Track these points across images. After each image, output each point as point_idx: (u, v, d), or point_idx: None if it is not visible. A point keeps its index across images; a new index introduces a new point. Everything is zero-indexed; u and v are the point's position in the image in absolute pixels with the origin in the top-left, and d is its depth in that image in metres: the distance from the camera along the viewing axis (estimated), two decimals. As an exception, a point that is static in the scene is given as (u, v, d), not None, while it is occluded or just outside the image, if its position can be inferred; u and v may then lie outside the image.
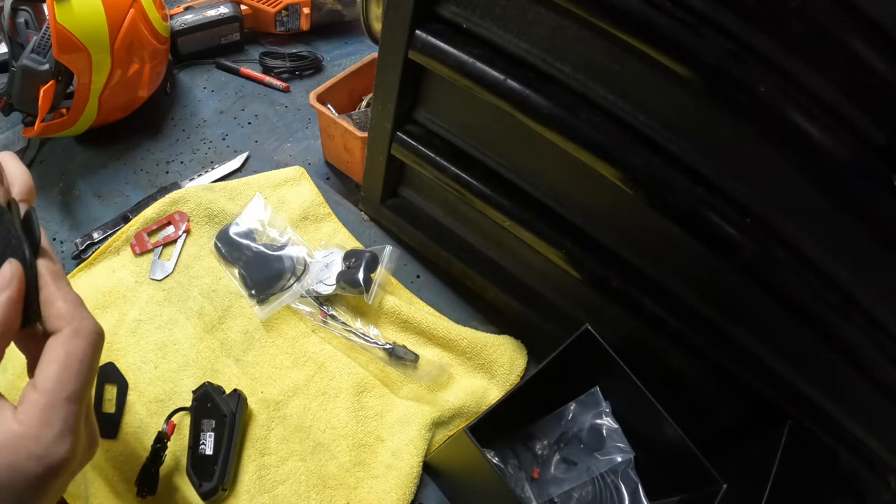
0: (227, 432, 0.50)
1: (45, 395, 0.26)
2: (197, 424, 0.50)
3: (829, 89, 0.33)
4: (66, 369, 0.27)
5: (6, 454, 0.25)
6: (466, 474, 0.51)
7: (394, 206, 0.68)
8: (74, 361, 0.27)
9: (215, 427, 0.50)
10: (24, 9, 0.68)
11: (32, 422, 0.26)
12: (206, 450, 0.49)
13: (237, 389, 0.53)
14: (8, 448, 0.25)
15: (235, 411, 0.51)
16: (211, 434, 0.49)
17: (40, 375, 0.27)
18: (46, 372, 0.27)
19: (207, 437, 0.49)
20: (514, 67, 0.44)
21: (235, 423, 0.50)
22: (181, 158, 0.75)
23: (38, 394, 0.26)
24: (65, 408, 0.27)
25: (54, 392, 0.26)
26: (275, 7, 0.89)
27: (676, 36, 0.34)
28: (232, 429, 0.50)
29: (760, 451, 0.47)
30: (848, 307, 0.40)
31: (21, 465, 0.25)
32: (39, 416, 0.26)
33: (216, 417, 0.50)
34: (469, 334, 0.61)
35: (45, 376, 0.27)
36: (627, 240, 0.48)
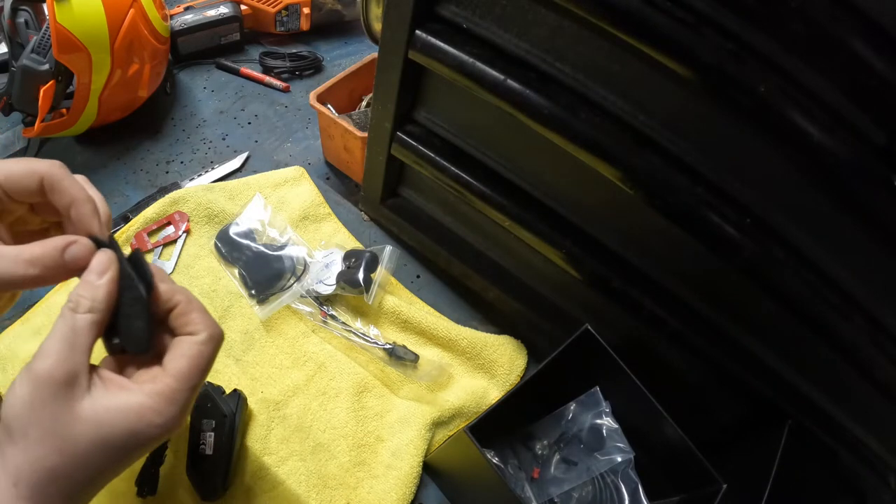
0: (227, 432, 0.49)
1: (176, 381, 0.31)
2: (197, 424, 0.50)
3: (829, 89, 0.33)
4: (196, 366, 0.31)
5: (128, 417, 0.29)
6: (466, 474, 0.51)
7: (394, 206, 0.68)
8: (204, 360, 0.32)
9: (215, 427, 0.49)
10: (24, 9, 0.68)
11: (160, 398, 0.30)
12: (206, 450, 0.49)
13: (237, 389, 0.52)
14: (132, 413, 0.29)
15: (235, 411, 0.51)
16: (211, 434, 0.49)
17: (174, 365, 0.31)
18: (180, 364, 0.31)
19: (207, 437, 0.49)
20: (514, 67, 0.44)
21: (235, 424, 0.50)
22: (181, 158, 0.75)
23: (170, 378, 0.31)
24: (187, 394, 0.31)
25: (184, 380, 0.31)
26: (275, 7, 0.89)
27: (676, 36, 0.34)
28: (232, 429, 0.50)
29: (760, 451, 0.47)
30: (848, 307, 0.40)
31: (141, 430, 0.29)
32: (168, 395, 0.30)
33: (216, 417, 0.50)
34: (469, 334, 0.61)
35: (178, 367, 0.31)
36: (627, 240, 0.48)
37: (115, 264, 0.32)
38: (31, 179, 0.32)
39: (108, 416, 0.29)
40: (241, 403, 0.52)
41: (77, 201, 0.32)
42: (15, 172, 0.32)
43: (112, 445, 0.29)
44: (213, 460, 0.48)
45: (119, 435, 0.29)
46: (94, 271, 0.31)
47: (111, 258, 0.32)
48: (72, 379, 0.29)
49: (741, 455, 0.51)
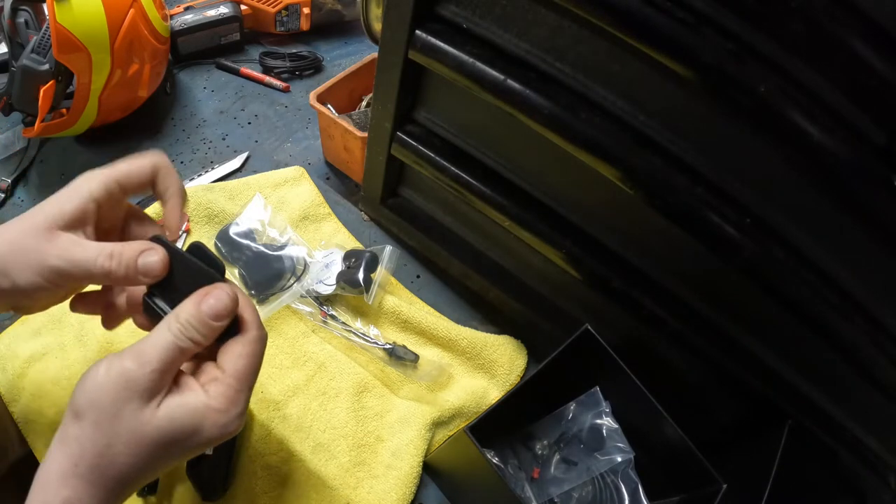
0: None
1: (238, 381, 0.32)
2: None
3: (829, 89, 0.33)
4: (252, 366, 0.33)
5: (195, 418, 0.31)
6: (466, 474, 0.51)
7: (394, 206, 0.68)
8: (257, 360, 0.34)
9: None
10: (24, 9, 0.68)
11: (223, 399, 0.31)
12: (206, 450, 0.48)
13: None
14: (198, 414, 0.31)
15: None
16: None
17: (232, 366, 0.32)
18: (238, 364, 0.33)
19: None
20: (514, 67, 0.44)
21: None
22: (181, 158, 0.75)
23: (232, 379, 0.32)
24: (247, 394, 0.33)
25: (244, 381, 0.32)
26: (275, 7, 0.89)
27: (676, 36, 0.34)
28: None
29: (760, 451, 0.47)
30: (848, 307, 0.40)
31: (204, 429, 0.31)
32: (231, 396, 0.32)
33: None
34: (469, 334, 0.61)
35: (237, 367, 0.32)
36: (627, 240, 0.48)
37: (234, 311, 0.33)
38: (145, 171, 0.37)
39: (177, 414, 0.31)
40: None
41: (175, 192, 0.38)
42: (133, 168, 0.37)
43: (175, 443, 0.31)
44: (213, 461, 0.48)
45: (184, 433, 0.31)
46: (217, 314, 0.32)
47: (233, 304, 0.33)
48: (158, 389, 0.31)
49: (741, 455, 0.51)
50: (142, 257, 0.34)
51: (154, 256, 0.34)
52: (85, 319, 0.56)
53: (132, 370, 0.30)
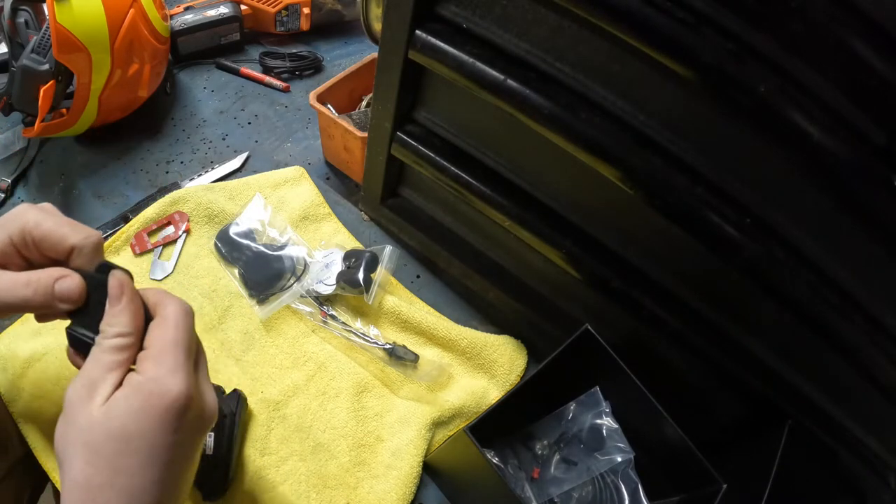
0: (228, 432, 0.49)
1: (153, 347, 0.33)
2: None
3: (829, 89, 0.33)
4: (164, 328, 0.33)
5: (134, 399, 0.31)
6: (466, 474, 0.51)
7: (394, 206, 0.68)
8: (170, 321, 0.34)
9: (216, 427, 0.49)
10: (24, 9, 0.68)
11: (148, 368, 0.32)
12: (206, 450, 0.48)
13: (237, 390, 0.52)
14: (135, 393, 0.31)
15: (236, 411, 0.51)
16: (211, 434, 0.49)
17: (147, 340, 0.33)
18: (150, 335, 0.33)
19: (208, 438, 0.49)
20: (514, 67, 0.44)
21: (236, 423, 0.50)
22: (181, 158, 0.75)
23: (148, 349, 0.33)
24: (172, 350, 0.32)
25: (158, 342, 0.33)
26: (275, 7, 0.89)
27: (676, 36, 0.34)
28: (232, 429, 0.50)
29: (760, 451, 0.47)
30: (848, 307, 0.40)
31: (148, 406, 0.31)
32: (152, 362, 0.32)
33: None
34: (469, 334, 0.61)
35: (150, 337, 0.33)
36: (627, 240, 0.48)
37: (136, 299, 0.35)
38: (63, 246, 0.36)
39: (118, 403, 0.30)
40: (241, 403, 0.52)
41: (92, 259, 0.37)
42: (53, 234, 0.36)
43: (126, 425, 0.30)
44: (214, 460, 0.48)
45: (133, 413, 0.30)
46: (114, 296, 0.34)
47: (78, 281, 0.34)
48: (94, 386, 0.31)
49: (741, 455, 0.51)
50: (58, 284, 0.34)
51: (70, 282, 0.34)
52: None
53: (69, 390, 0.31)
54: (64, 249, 0.36)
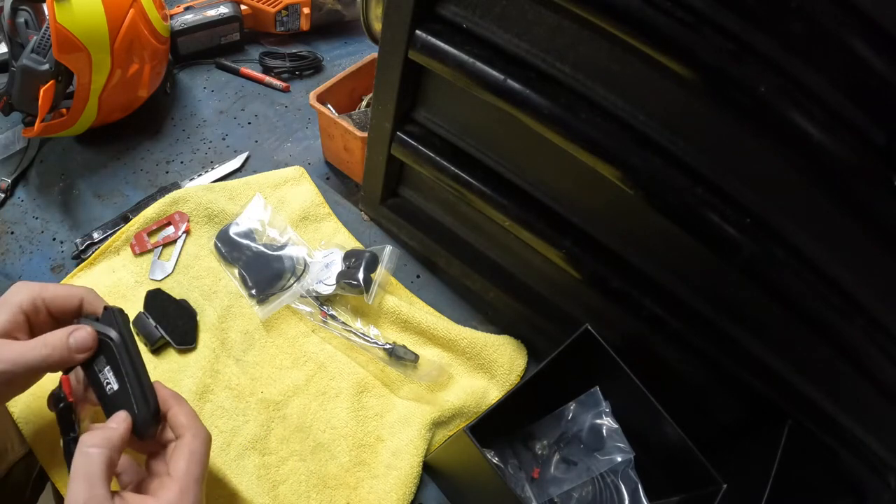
0: (123, 356, 0.41)
1: (179, 480, 0.37)
2: (90, 370, 0.42)
3: (829, 89, 0.33)
4: (191, 462, 0.38)
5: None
6: (466, 474, 0.51)
7: (394, 206, 0.68)
8: (196, 455, 0.39)
9: (108, 359, 0.42)
10: (24, 9, 0.68)
11: (171, 499, 0.36)
12: (112, 386, 0.41)
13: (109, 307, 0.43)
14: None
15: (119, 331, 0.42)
16: (108, 369, 0.42)
17: (173, 467, 0.38)
18: (178, 464, 0.38)
19: (107, 374, 0.42)
20: (514, 67, 0.44)
21: (126, 343, 0.42)
22: (181, 158, 0.75)
23: (174, 480, 0.37)
24: (194, 487, 0.37)
25: (186, 477, 0.37)
26: (275, 7, 0.89)
27: (676, 36, 0.34)
28: (125, 350, 0.41)
29: (760, 451, 0.47)
30: (848, 307, 0.40)
31: None
32: (178, 495, 0.36)
33: (103, 350, 0.42)
34: (469, 334, 0.61)
35: (177, 467, 0.38)
36: (627, 240, 0.48)
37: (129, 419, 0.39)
38: (72, 301, 0.42)
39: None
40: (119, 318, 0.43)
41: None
42: (61, 294, 0.42)
43: None
44: (125, 392, 0.41)
45: None
46: (113, 419, 0.38)
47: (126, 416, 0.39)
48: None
49: (741, 455, 0.51)
50: (72, 337, 0.39)
51: (82, 333, 0.40)
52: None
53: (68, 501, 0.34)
54: (76, 301, 0.42)
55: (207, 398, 0.55)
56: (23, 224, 0.66)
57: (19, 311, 0.40)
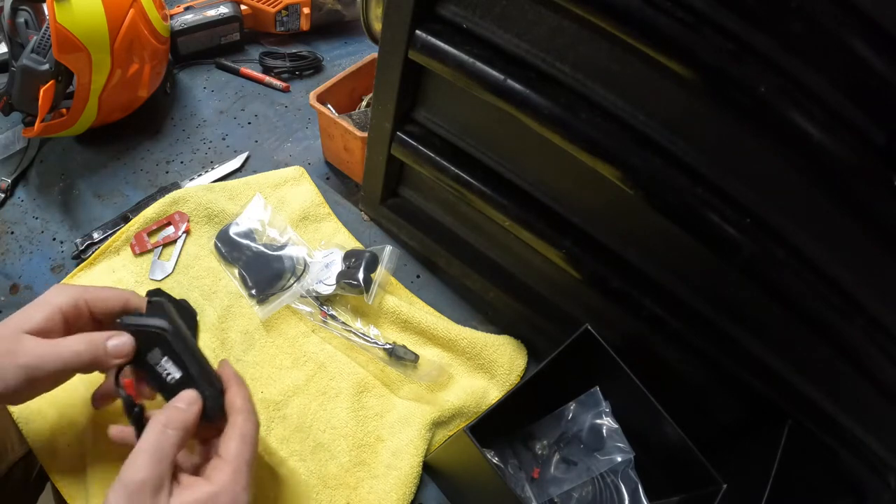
0: (179, 344, 0.41)
1: (232, 462, 0.37)
2: (145, 365, 0.41)
3: (829, 89, 0.33)
4: (243, 443, 0.38)
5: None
6: (466, 474, 0.51)
7: (394, 206, 0.68)
8: (248, 438, 0.39)
9: (163, 350, 0.41)
10: (24, 9, 0.68)
11: (225, 481, 0.36)
12: (173, 376, 0.40)
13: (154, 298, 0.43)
14: (207, 501, 0.35)
15: (170, 320, 0.41)
16: (165, 359, 0.41)
17: (225, 449, 0.38)
18: (230, 446, 0.38)
19: (165, 365, 0.40)
20: (514, 67, 0.44)
21: (179, 331, 0.41)
22: (181, 158, 0.75)
23: (226, 462, 0.37)
24: (245, 470, 0.38)
25: (238, 459, 0.38)
26: (275, 7, 0.89)
27: (676, 36, 0.34)
28: (180, 338, 0.41)
29: (760, 451, 0.47)
30: (848, 307, 0.40)
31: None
32: (230, 476, 0.37)
33: (156, 342, 0.41)
34: (469, 334, 0.61)
35: (228, 449, 0.38)
36: (627, 240, 0.48)
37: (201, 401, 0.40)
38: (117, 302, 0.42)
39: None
40: (167, 306, 0.42)
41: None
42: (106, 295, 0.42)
43: None
44: (188, 377, 0.40)
45: None
46: (184, 399, 0.39)
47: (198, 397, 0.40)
48: (159, 487, 0.34)
49: (741, 455, 0.51)
50: (111, 342, 0.39)
51: (123, 338, 0.40)
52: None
53: (128, 476, 0.34)
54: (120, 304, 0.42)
55: (207, 398, 0.55)
56: (23, 224, 0.66)
57: (58, 311, 0.40)
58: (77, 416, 0.50)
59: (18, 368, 0.37)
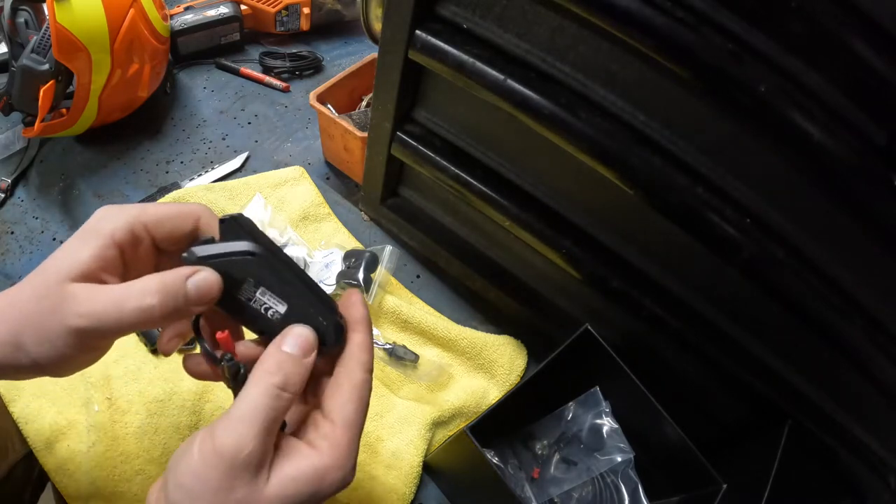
0: (278, 266, 0.30)
1: (348, 430, 0.29)
2: (236, 304, 0.30)
3: (829, 89, 0.33)
4: (360, 410, 0.30)
5: (312, 482, 0.28)
6: (466, 474, 0.51)
7: (394, 206, 0.68)
8: (364, 404, 0.31)
9: (257, 281, 0.30)
10: (24, 9, 0.68)
11: (339, 454, 0.29)
12: (277, 309, 0.31)
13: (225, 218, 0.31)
14: (316, 478, 0.28)
15: (256, 240, 0.30)
16: (261, 291, 0.30)
17: (341, 413, 0.30)
18: (347, 411, 0.30)
19: (263, 299, 0.30)
20: (514, 67, 0.44)
21: (272, 251, 0.30)
22: (181, 158, 0.75)
23: (342, 429, 0.29)
24: (357, 442, 0.30)
25: (354, 429, 0.30)
26: (275, 7, 0.89)
27: (676, 36, 0.34)
28: (277, 259, 0.30)
29: (760, 451, 0.47)
30: (848, 307, 0.40)
31: (323, 490, 0.28)
32: (345, 449, 0.29)
33: (246, 271, 0.30)
34: (469, 334, 0.61)
35: (345, 415, 0.30)
36: (627, 240, 0.48)
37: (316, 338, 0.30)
38: (185, 221, 0.31)
39: (293, 487, 0.27)
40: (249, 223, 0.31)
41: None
42: (170, 214, 0.31)
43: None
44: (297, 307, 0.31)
45: (302, 499, 0.28)
46: (301, 346, 0.29)
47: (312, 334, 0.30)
48: (263, 461, 0.27)
49: (741, 455, 0.51)
50: (191, 281, 0.28)
51: (206, 274, 0.28)
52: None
53: (229, 449, 0.26)
54: (190, 223, 0.31)
55: (207, 398, 0.54)
56: (23, 224, 0.66)
57: (111, 243, 0.29)
58: (77, 416, 0.50)
59: (68, 332, 0.27)
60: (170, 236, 0.31)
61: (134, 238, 0.30)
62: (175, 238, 0.31)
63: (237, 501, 0.26)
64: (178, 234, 0.31)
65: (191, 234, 0.31)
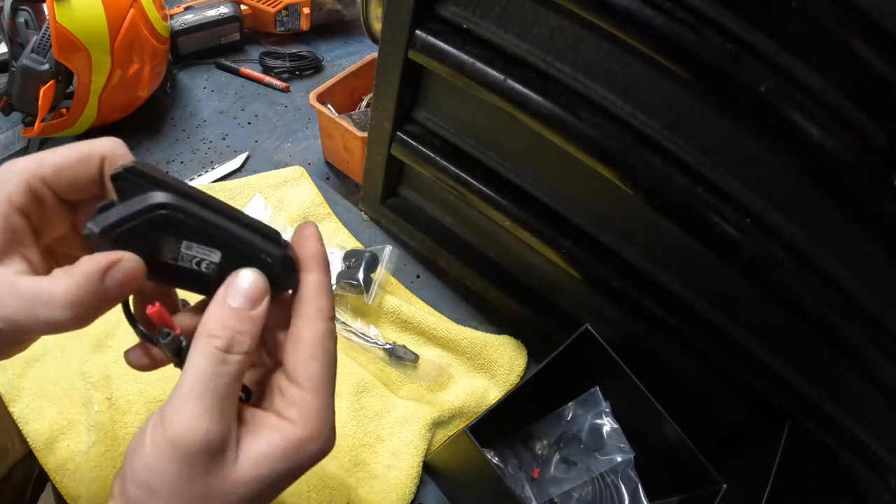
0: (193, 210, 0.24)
1: (319, 393, 0.25)
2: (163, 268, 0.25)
3: (829, 89, 0.33)
4: (327, 365, 0.26)
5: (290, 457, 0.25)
6: (466, 474, 0.51)
7: (394, 206, 0.68)
8: (331, 357, 0.26)
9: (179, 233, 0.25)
10: (24, 9, 0.68)
11: (313, 423, 0.25)
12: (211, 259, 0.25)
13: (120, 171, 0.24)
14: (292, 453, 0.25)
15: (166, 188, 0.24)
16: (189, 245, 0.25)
17: (306, 372, 0.25)
18: (313, 369, 0.25)
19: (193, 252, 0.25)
20: (514, 67, 0.44)
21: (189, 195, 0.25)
22: (181, 158, 0.75)
23: (311, 393, 0.25)
24: (331, 402, 0.26)
25: (325, 389, 0.26)
26: (275, 7, 0.89)
27: (676, 36, 0.34)
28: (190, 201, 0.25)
29: (760, 451, 0.47)
30: (848, 307, 0.40)
31: (302, 466, 0.25)
32: (319, 415, 0.25)
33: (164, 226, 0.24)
34: (469, 334, 0.61)
35: (312, 374, 0.25)
36: (628, 240, 0.48)
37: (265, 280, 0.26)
38: (88, 165, 0.26)
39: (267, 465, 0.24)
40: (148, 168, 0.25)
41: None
42: (68, 160, 0.25)
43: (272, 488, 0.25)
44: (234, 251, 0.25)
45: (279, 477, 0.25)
46: (245, 295, 0.25)
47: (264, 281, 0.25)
48: (225, 442, 0.23)
49: (741, 455, 0.51)
50: (108, 278, 0.23)
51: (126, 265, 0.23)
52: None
53: (181, 434, 0.22)
54: (94, 167, 0.26)
55: (207, 398, 0.55)
56: (23, 224, 0.66)
57: (11, 210, 0.24)
58: (77, 415, 0.50)
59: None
60: (72, 186, 0.26)
61: (36, 197, 0.25)
62: (80, 187, 0.26)
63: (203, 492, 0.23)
64: (83, 182, 0.26)
65: (98, 179, 0.26)
